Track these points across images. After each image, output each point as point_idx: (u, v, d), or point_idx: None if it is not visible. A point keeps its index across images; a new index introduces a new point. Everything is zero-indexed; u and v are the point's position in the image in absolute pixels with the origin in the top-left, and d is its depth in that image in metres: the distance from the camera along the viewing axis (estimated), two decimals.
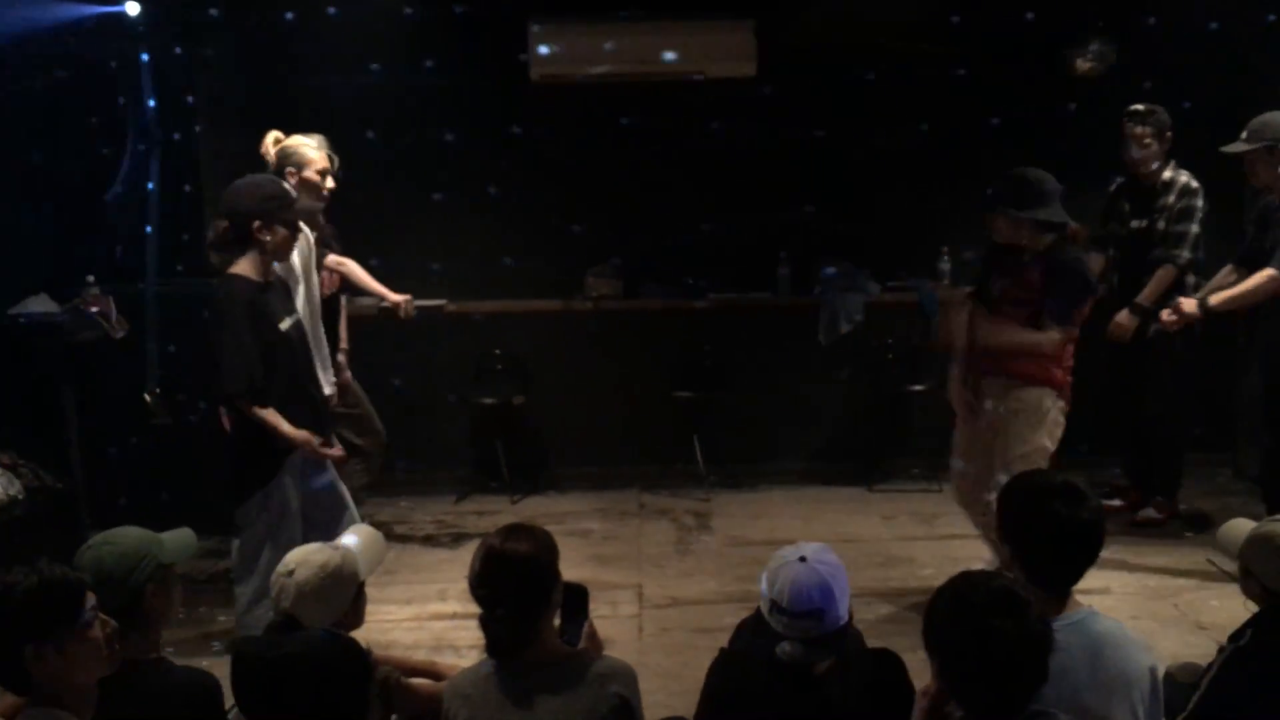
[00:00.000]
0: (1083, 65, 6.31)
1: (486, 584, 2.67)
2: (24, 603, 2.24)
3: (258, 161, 4.68)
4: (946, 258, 6.56)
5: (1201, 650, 4.07)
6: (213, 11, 5.88)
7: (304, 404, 3.99)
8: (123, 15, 5.49)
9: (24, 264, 5.47)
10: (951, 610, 2.21)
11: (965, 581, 2.26)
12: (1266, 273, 4.89)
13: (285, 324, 3.93)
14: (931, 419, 6.50)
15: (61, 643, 2.27)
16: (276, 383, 3.86)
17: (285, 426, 3.85)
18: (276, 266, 4.04)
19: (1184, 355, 5.48)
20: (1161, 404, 5.60)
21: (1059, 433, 4.46)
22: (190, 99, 5.77)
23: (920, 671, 2.76)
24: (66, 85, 5.59)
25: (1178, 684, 2.96)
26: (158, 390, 5.51)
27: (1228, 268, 5.29)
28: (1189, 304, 5.08)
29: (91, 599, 2.34)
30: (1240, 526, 2.88)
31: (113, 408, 5.54)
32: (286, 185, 4.02)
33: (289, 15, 6.04)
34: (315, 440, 3.92)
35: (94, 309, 5.40)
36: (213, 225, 4.02)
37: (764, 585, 2.59)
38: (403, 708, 2.88)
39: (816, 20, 6.20)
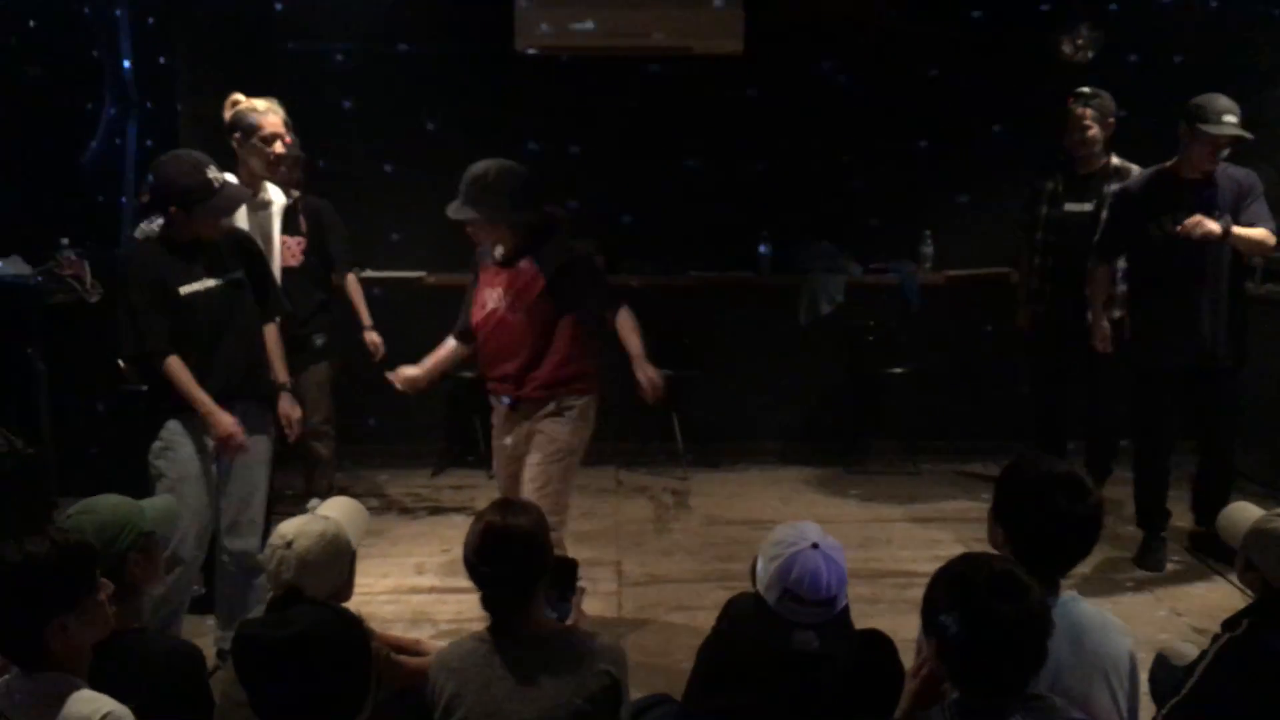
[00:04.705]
0: (1070, 49, 6.31)
1: (489, 560, 2.63)
2: (49, 575, 2.21)
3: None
4: (930, 240, 6.56)
5: (1180, 637, 4.09)
6: None
7: (206, 373, 3.85)
8: None
9: None
10: (953, 591, 2.19)
11: (967, 563, 2.24)
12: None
13: (189, 288, 3.82)
14: (909, 401, 6.55)
15: (83, 610, 2.25)
16: (179, 347, 3.79)
17: (194, 388, 3.74)
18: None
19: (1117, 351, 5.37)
20: (1103, 398, 5.55)
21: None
22: (162, 59, 5.65)
23: (902, 652, 2.77)
24: (40, 40, 5.47)
25: (1169, 667, 2.96)
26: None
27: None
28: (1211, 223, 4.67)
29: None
30: (1243, 512, 2.86)
31: (85, 372, 5.45)
32: (211, 174, 3.83)
33: None
34: (226, 420, 3.78)
35: (68, 272, 5.30)
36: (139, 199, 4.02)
37: (773, 572, 2.55)
38: (388, 683, 2.84)
39: None
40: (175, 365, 3.75)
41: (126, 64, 5.51)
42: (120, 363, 4.15)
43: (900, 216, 6.61)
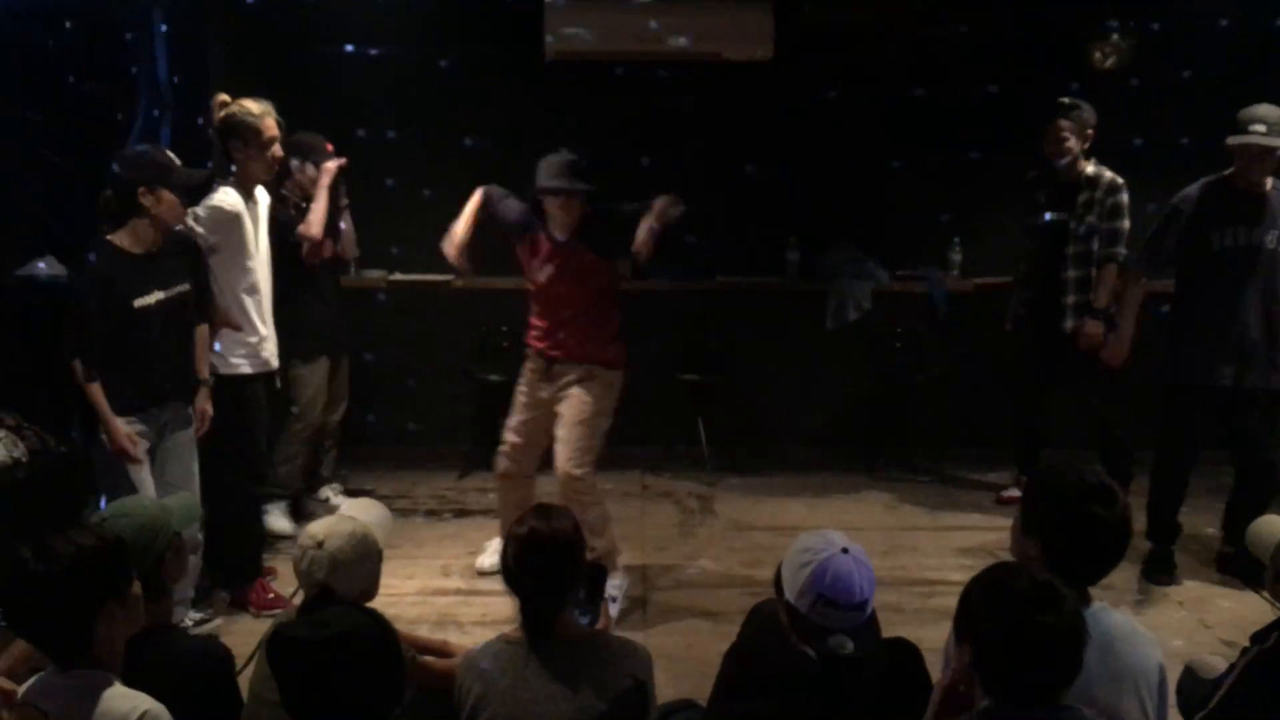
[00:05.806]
0: (1100, 58, 6.28)
1: (533, 566, 2.63)
2: (99, 563, 2.28)
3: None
4: (958, 247, 6.54)
5: (1208, 648, 4.07)
6: None
7: (138, 384, 3.92)
8: None
9: (30, 226, 5.42)
10: (990, 600, 2.19)
11: (1004, 571, 2.24)
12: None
13: (144, 300, 3.88)
14: (936, 409, 6.53)
15: (126, 600, 2.32)
16: (116, 356, 3.84)
17: (106, 410, 3.83)
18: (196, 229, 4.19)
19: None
20: (1109, 405, 5.50)
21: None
22: (196, 64, 5.70)
23: (927, 661, 2.77)
24: (76, 44, 5.53)
25: (1197, 680, 2.95)
26: None
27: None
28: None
29: None
30: (1273, 525, 2.84)
31: None
32: (169, 154, 3.95)
33: None
34: (128, 441, 3.87)
35: None
36: (99, 198, 3.95)
37: (806, 579, 2.54)
38: (415, 684, 2.86)
39: (834, 3, 6.18)
40: (95, 390, 3.84)
41: (164, 68, 5.55)
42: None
43: (929, 223, 6.59)
